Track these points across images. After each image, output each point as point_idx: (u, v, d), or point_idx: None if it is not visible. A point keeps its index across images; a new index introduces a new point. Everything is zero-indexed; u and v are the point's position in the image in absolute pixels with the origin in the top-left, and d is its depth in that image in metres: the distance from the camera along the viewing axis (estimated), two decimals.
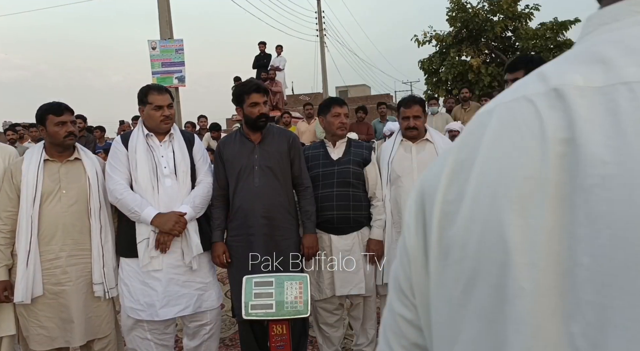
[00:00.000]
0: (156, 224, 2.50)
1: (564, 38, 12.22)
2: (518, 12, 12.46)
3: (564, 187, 0.40)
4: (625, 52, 0.42)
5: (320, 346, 2.98)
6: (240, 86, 2.75)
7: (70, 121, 2.51)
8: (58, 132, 2.47)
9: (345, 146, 2.89)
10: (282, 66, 12.19)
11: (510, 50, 13.06)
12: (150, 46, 12.10)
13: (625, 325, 0.37)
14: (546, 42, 12.15)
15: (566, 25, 12.18)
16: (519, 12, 12.48)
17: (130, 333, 2.63)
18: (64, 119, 2.48)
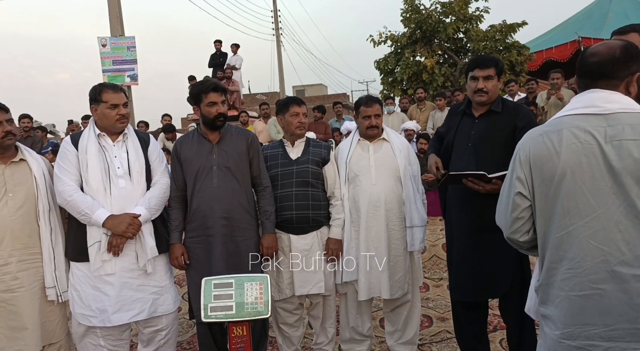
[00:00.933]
0: (108, 226, 2.42)
1: (512, 40, 12.65)
2: (469, 14, 12.78)
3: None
4: None
5: (280, 346, 2.98)
6: (197, 85, 2.69)
7: (5, 119, 2.36)
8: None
9: (304, 145, 2.89)
10: (239, 65, 12.07)
11: (462, 51, 13.40)
12: (100, 43, 11.70)
13: None
14: (496, 43, 12.52)
15: (514, 27, 12.60)
16: (469, 14, 12.81)
17: (82, 340, 2.53)
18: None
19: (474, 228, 2.47)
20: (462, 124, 2.59)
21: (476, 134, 2.50)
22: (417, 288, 3.00)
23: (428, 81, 12.53)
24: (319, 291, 2.79)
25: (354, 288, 2.89)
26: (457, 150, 2.57)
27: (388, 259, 2.78)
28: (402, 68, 12.96)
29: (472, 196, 2.41)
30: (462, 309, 2.68)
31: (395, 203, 2.81)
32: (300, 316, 2.95)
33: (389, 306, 2.97)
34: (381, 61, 13.64)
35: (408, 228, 2.83)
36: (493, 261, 2.45)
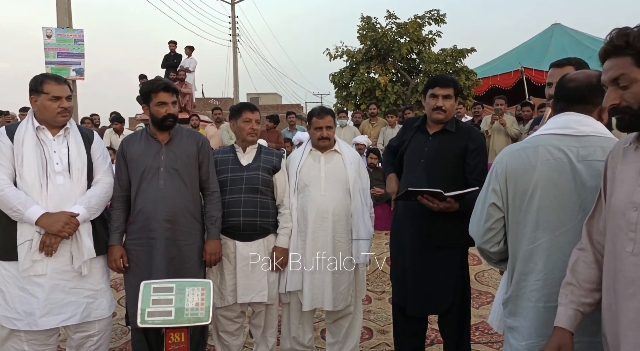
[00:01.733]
0: (42, 224, 2.29)
1: (462, 65, 13.20)
2: (422, 36, 13.24)
3: None
4: None
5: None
6: (148, 83, 2.61)
7: None
8: None
9: (256, 152, 2.87)
10: (192, 67, 11.86)
11: (415, 71, 13.82)
12: (45, 34, 11.15)
13: None
14: (446, 67, 13.03)
15: (464, 53, 13.16)
16: (423, 36, 13.27)
17: (4, 345, 2.36)
18: None
19: (424, 245, 2.53)
20: (416, 139, 2.66)
21: (429, 152, 2.57)
22: (360, 301, 3.02)
23: (381, 97, 12.81)
24: (262, 300, 2.76)
25: (297, 297, 2.87)
26: (410, 165, 2.63)
27: (333, 271, 2.79)
28: (357, 83, 13.19)
29: (423, 213, 2.46)
30: (403, 322, 2.73)
31: (342, 215, 2.83)
32: (241, 325, 2.90)
33: (331, 317, 2.97)
34: (336, 74, 13.83)
35: (354, 240, 2.85)
36: (440, 277, 2.52)
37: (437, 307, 2.60)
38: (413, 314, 2.64)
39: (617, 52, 1.28)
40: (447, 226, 2.48)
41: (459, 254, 2.58)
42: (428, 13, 13.44)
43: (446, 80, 2.61)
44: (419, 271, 2.55)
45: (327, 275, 2.78)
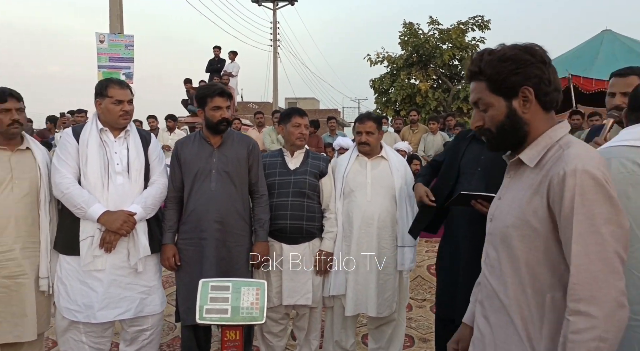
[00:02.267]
0: (103, 222, 2.40)
1: None
2: (465, 43, 13.13)
3: None
4: None
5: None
6: (204, 88, 2.71)
7: (15, 108, 2.35)
8: (2, 120, 2.32)
9: (303, 156, 2.92)
10: (235, 72, 12.11)
11: (457, 78, 13.70)
12: (98, 39, 11.63)
13: None
14: None
15: None
16: (466, 43, 13.15)
17: (64, 335, 2.49)
18: (8, 107, 2.33)
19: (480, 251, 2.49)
20: (471, 149, 2.63)
21: (486, 159, 2.54)
22: (404, 307, 3.02)
23: (421, 103, 12.74)
24: (307, 302, 2.80)
25: (340, 302, 2.90)
26: (466, 174, 2.58)
27: (377, 277, 2.80)
28: (397, 89, 13.17)
29: (480, 220, 2.43)
30: (445, 331, 2.69)
31: (388, 221, 2.84)
32: (285, 327, 2.94)
33: (374, 323, 2.98)
34: (376, 80, 13.84)
35: (399, 247, 2.85)
36: None
37: None
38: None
39: (474, 77, 1.29)
40: None
41: None
42: (472, 19, 13.31)
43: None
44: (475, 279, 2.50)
45: (371, 281, 2.79)
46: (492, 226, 1.35)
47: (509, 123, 1.26)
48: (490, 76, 1.24)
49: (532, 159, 1.25)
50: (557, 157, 1.19)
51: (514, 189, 1.29)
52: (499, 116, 1.27)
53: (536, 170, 1.24)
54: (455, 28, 12.92)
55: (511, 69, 1.22)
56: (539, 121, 1.25)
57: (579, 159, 1.14)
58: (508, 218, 1.27)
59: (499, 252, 1.30)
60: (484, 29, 13.02)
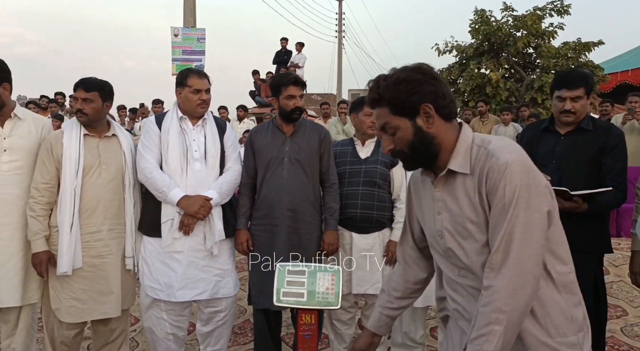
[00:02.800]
0: (182, 206, 2.51)
1: (586, 59, 12.15)
2: (542, 29, 12.40)
3: None
4: None
5: (331, 343, 2.99)
6: (278, 77, 2.76)
7: (81, 98, 2.45)
8: (73, 107, 2.49)
9: (374, 145, 2.90)
10: (302, 63, 12.24)
11: (531, 67, 13.00)
12: (173, 33, 12.15)
13: None
14: (567, 61, 12.06)
15: (589, 46, 12.10)
16: (542, 29, 12.42)
17: (147, 312, 2.65)
18: (75, 96, 2.47)
19: None
20: (545, 141, 2.52)
21: (561, 151, 2.42)
22: None
23: (491, 94, 12.22)
24: (376, 292, 2.78)
25: None
26: (541, 166, 2.49)
27: None
28: (466, 79, 12.72)
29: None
30: None
31: None
32: (353, 315, 2.95)
33: None
34: (444, 70, 13.43)
35: None
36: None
37: None
38: None
39: (375, 104, 1.34)
40: (579, 230, 2.31)
41: (593, 262, 2.40)
42: (550, 4, 12.54)
43: (575, 80, 2.42)
44: None
45: None
46: (444, 242, 1.37)
47: (418, 140, 1.31)
48: (391, 100, 1.30)
49: (464, 166, 1.30)
50: (485, 155, 1.27)
51: (453, 200, 1.33)
52: (407, 136, 1.32)
53: (469, 175, 1.29)
54: (531, 14, 12.22)
55: (408, 90, 1.28)
56: (445, 132, 1.32)
57: (505, 151, 1.24)
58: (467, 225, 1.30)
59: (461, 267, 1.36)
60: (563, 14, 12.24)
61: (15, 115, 2.48)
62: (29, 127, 2.52)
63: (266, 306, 2.63)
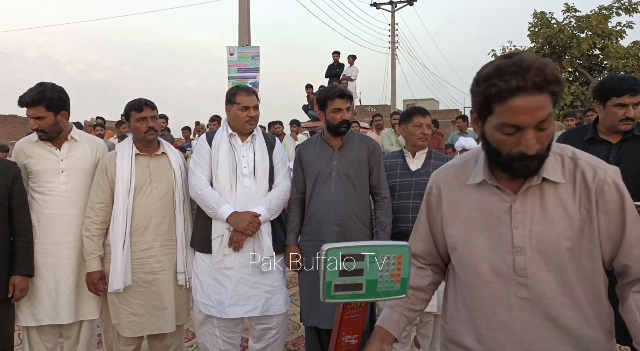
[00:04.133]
0: (231, 222, 2.53)
1: None
2: (609, 29, 11.72)
3: None
4: None
5: None
6: (324, 91, 2.73)
7: (150, 116, 2.56)
8: (139, 128, 2.56)
9: (425, 157, 2.80)
10: (354, 76, 12.21)
11: (597, 69, 12.30)
12: (229, 52, 12.53)
13: None
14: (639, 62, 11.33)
15: None
16: (609, 29, 11.74)
17: (200, 328, 2.67)
18: (144, 115, 2.55)
19: None
20: (593, 152, 2.31)
21: (616, 162, 2.23)
22: None
23: None
24: (431, 310, 2.66)
25: None
26: None
27: None
28: None
29: None
30: None
31: None
32: (408, 333, 2.84)
33: None
34: None
35: None
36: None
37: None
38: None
39: (540, 89, 1.08)
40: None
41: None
42: (617, 2, 11.85)
43: (634, 85, 2.24)
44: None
45: None
46: (523, 259, 1.20)
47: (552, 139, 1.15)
48: (555, 87, 1.09)
49: (558, 174, 1.20)
50: (574, 164, 1.22)
51: (542, 212, 1.20)
52: (552, 132, 1.14)
53: (565, 184, 1.20)
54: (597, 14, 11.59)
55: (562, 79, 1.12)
56: None
57: (601, 166, 1.22)
58: (560, 241, 1.18)
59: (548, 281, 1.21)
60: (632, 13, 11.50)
61: (72, 138, 2.60)
62: (85, 149, 2.63)
63: (314, 324, 2.58)
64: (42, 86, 2.47)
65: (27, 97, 2.44)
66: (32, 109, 2.45)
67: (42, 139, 2.53)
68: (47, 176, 2.50)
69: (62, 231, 2.50)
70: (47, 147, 2.54)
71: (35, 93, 2.44)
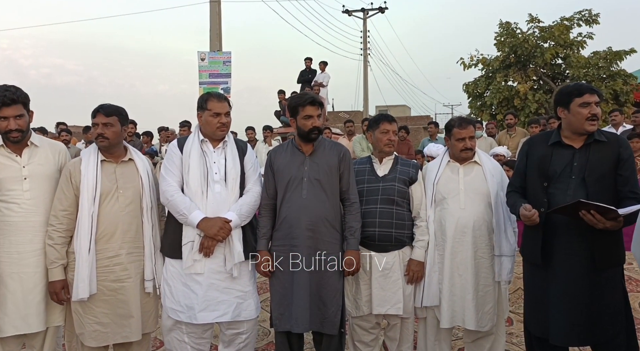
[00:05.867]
0: (202, 228, 2.54)
1: (618, 68, 11.84)
2: (570, 39, 12.19)
3: None
4: None
5: None
6: (296, 97, 2.76)
7: (101, 123, 2.48)
8: (94, 134, 2.53)
9: (392, 163, 2.87)
10: (326, 82, 12.32)
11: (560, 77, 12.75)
12: (200, 57, 12.46)
13: None
14: (599, 71, 11.80)
15: (621, 55, 11.80)
16: (571, 39, 12.21)
17: (168, 334, 2.66)
18: (96, 121, 2.51)
19: (585, 267, 2.27)
20: (558, 156, 2.40)
21: (580, 166, 2.32)
22: (503, 321, 2.84)
23: (520, 106, 12.03)
24: (397, 312, 2.73)
25: (434, 313, 2.80)
26: (557, 184, 2.36)
27: (477, 289, 2.67)
28: (493, 92, 12.57)
29: (582, 231, 2.24)
30: (542, 350, 2.48)
31: (484, 230, 2.70)
32: (376, 336, 2.90)
33: (470, 336, 2.84)
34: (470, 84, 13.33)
35: (496, 257, 2.70)
36: (604, 302, 2.26)
37: (598, 336, 2.29)
38: (570, 344, 2.38)
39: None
40: (611, 243, 2.23)
41: (620, 274, 2.31)
42: (578, 14, 12.32)
43: (591, 86, 2.40)
44: (581, 296, 2.27)
45: (468, 292, 2.67)
46: None
47: None
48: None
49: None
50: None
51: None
52: None
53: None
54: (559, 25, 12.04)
55: None
56: None
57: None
58: None
59: None
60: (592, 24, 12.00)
61: (32, 143, 2.54)
62: (47, 154, 2.57)
63: (287, 328, 2.61)
64: (10, 86, 2.41)
65: (8, 96, 2.36)
66: (10, 107, 2.37)
67: (17, 142, 2.45)
68: (10, 184, 2.43)
69: (27, 239, 2.45)
70: (7, 154, 2.46)
71: (14, 91, 2.38)
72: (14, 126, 2.40)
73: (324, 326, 2.61)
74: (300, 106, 2.66)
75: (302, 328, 2.60)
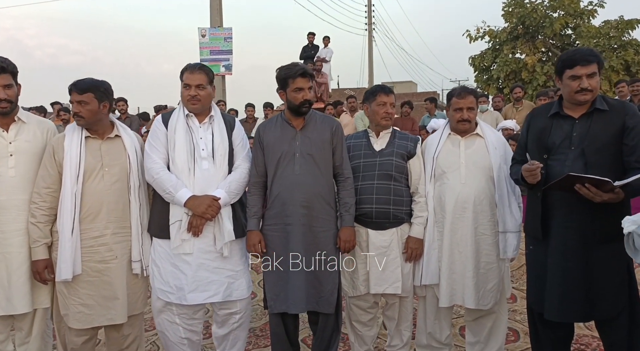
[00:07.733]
0: (189, 206, 2.44)
1: (630, 37, 11.48)
2: (580, 9, 11.80)
3: None
4: None
5: (352, 345, 2.86)
6: (285, 69, 2.60)
7: (75, 101, 2.37)
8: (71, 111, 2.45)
9: (390, 137, 2.74)
10: (329, 57, 12.08)
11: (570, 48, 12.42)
12: (200, 34, 12.25)
13: None
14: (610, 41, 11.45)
15: (632, 24, 11.42)
16: (581, 9, 11.82)
17: (159, 316, 2.59)
18: (70, 100, 2.42)
19: (583, 240, 2.17)
20: (557, 128, 2.27)
21: (579, 137, 2.20)
22: (504, 299, 2.74)
23: (527, 79, 11.75)
24: (395, 292, 2.64)
25: (433, 292, 2.70)
26: (556, 155, 2.25)
27: (478, 267, 2.57)
28: (500, 65, 12.29)
29: (582, 204, 2.12)
30: (544, 328, 2.39)
31: (486, 205, 2.58)
32: (374, 316, 2.81)
33: (471, 315, 2.75)
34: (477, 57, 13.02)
35: (501, 233, 2.59)
36: (604, 278, 2.15)
37: (602, 313, 2.20)
38: (571, 320, 2.30)
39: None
40: (614, 215, 2.10)
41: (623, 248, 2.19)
42: None
43: (587, 55, 2.19)
44: (580, 271, 2.16)
45: (468, 270, 2.56)
46: None
47: None
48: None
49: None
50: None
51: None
52: None
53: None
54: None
55: None
56: None
57: None
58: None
59: None
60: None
61: (19, 119, 2.46)
62: (34, 131, 2.49)
63: (283, 310, 2.53)
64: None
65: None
66: (0, 76, 2.33)
67: (5, 114, 2.39)
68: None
69: (11, 218, 2.37)
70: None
71: (3, 60, 2.35)
72: (3, 96, 2.34)
73: (319, 305, 2.53)
74: (290, 78, 2.52)
75: (298, 309, 2.52)
